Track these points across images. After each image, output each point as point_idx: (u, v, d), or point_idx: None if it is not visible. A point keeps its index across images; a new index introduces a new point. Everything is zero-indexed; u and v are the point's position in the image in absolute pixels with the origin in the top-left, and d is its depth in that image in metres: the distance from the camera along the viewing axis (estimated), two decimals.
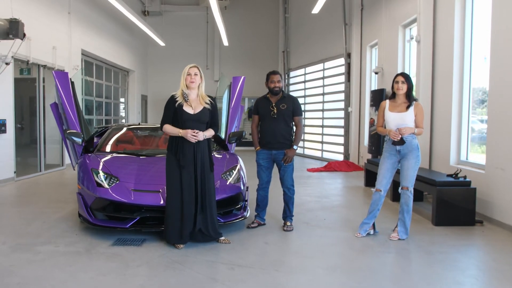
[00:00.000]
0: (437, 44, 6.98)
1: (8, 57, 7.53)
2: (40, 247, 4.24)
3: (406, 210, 4.69)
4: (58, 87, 5.82)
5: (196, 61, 17.00)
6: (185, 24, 17.58)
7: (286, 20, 16.13)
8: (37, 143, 9.21)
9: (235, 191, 5.03)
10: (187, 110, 4.26)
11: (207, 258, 3.98)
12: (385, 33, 9.49)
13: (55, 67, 9.36)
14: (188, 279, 3.48)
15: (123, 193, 4.59)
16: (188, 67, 4.32)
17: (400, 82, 4.69)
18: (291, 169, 5.04)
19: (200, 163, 4.29)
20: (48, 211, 5.78)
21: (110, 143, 5.92)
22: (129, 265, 3.79)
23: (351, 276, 3.59)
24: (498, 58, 5.33)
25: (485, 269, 3.87)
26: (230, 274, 3.61)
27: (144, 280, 3.45)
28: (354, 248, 4.38)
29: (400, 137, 4.53)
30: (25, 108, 10.68)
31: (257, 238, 4.68)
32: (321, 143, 14.08)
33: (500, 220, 5.18)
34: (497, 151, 5.33)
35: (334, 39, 12.81)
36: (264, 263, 3.86)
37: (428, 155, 7.15)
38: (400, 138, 4.53)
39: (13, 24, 7.06)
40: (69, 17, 10.26)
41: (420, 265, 3.97)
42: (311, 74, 14.82)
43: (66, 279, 3.45)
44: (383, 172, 4.76)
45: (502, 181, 5.19)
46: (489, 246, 4.55)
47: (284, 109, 4.97)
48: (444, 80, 6.72)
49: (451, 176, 5.64)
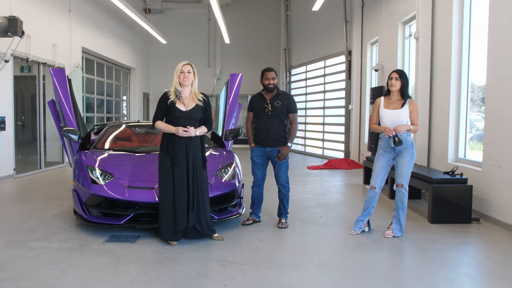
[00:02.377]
0: (435, 40, 6.95)
1: (7, 54, 7.56)
2: (34, 243, 4.27)
3: (401, 208, 4.67)
4: (56, 84, 5.84)
5: (198, 59, 16.93)
6: (187, 21, 17.59)
7: (288, 17, 16.09)
8: (37, 141, 9.25)
9: (230, 188, 5.03)
10: (179, 107, 4.26)
11: (200, 255, 3.99)
12: (385, 30, 9.44)
13: (55, 64, 9.40)
14: (179, 276, 3.49)
15: (117, 190, 4.60)
16: (181, 64, 4.32)
17: (394, 78, 4.66)
18: (286, 166, 5.03)
19: (192, 160, 4.29)
20: (45, 208, 5.81)
21: (106, 140, 5.94)
22: (121, 261, 3.80)
23: (343, 273, 3.58)
24: (495, 55, 5.29)
25: (477, 267, 3.85)
26: (221, 270, 3.61)
27: (134, 277, 3.46)
28: (348, 245, 4.37)
29: (394, 133, 4.50)
30: (27, 105, 10.73)
31: (251, 235, 4.68)
32: (322, 141, 14.06)
33: (497, 217, 5.15)
34: (494, 148, 5.30)
35: (335, 36, 12.78)
36: (256, 260, 3.86)
37: (426, 152, 7.12)
38: (394, 134, 4.50)
39: (12, 21, 7.10)
40: (70, 15, 10.28)
41: (413, 262, 3.96)
42: (312, 72, 14.79)
43: (57, 275, 3.47)
44: (378, 170, 4.74)
45: (498, 179, 5.16)
46: (484, 244, 4.53)
47: (279, 106, 4.96)
48: (442, 77, 6.68)
49: (447, 173, 5.62)
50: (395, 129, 4.50)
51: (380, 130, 4.68)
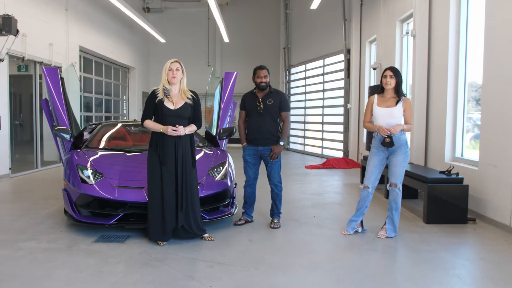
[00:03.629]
0: (432, 38, 6.86)
1: (2, 53, 7.53)
2: (22, 244, 4.22)
3: (395, 208, 4.60)
4: (48, 83, 5.81)
5: (197, 58, 16.85)
6: (186, 20, 17.56)
7: (287, 16, 16.01)
8: (34, 140, 9.22)
9: (222, 187, 4.97)
10: (168, 105, 4.20)
11: (188, 255, 3.93)
12: (383, 28, 9.36)
13: (51, 63, 9.37)
14: (164, 277, 3.43)
15: (106, 190, 4.55)
16: (170, 62, 4.25)
17: (388, 76, 4.58)
18: (278, 166, 4.97)
19: (181, 159, 4.23)
20: (37, 207, 5.77)
21: (99, 139, 5.88)
22: (108, 262, 3.75)
23: (331, 275, 3.51)
24: (491, 54, 5.20)
25: (470, 268, 3.76)
26: (208, 271, 3.55)
27: (119, 277, 3.40)
28: (339, 246, 4.31)
29: (389, 133, 4.42)
30: (25, 105, 10.69)
31: (242, 235, 4.62)
32: (321, 140, 13.97)
33: (493, 218, 5.07)
34: (490, 147, 5.21)
35: (334, 35, 12.68)
36: (244, 261, 3.80)
37: (423, 151, 7.04)
38: (389, 133, 4.42)
39: (6, 20, 7.06)
40: (67, 13, 10.25)
41: (404, 263, 3.88)
42: (311, 71, 14.70)
43: (41, 276, 3.42)
44: (371, 169, 4.67)
45: (494, 178, 5.08)
46: (478, 245, 4.45)
47: (271, 105, 4.89)
48: (439, 75, 6.59)
49: (443, 173, 5.54)
50: (390, 129, 4.42)
51: (374, 129, 4.60)
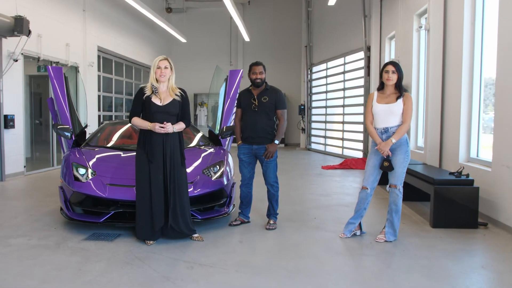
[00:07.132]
0: (447, 32, 6.49)
1: (15, 53, 7.70)
2: (13, 240, 4.26)
3: (395, 210, 4.35)
4: (53, 82, 5.88)
5: (219, 57, 16.84)
6: (208, 20, 17.58)
7: (309, 14, 15.73)
8: (50, 138, 9.41)
9: (217, 186, 4.86)
10: (155, 101, 4.13)
11: (172, 256, 3.84)
12: (401, 23, 9.00)
13: (68, 64, 9.54)
14: (140, 277, 3.35)
15: (98, 188, 4.53)
16: (158, 60, 4.19)
17: (390, 72, 4.34)
18: (274, 165, 4.80)
19: (170, 157, 4.15)
20: (40, 204, 5.85)
21: (99, 138, 5.89)
22: (90, 260, 3.71)
23: (313, 281, 3.32)
24: (505, 50, 4.84)
25: (468, 277, 3.47)
26: (186, 273, 3.44)
27: (94, 276, 3.34)
28: (332, 249, 4.10)
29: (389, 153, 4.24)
30: (44, 104, 10.95)
31: (233, 236, 4.49)
32: (342, 140, 13.64)
33: (504, 222, 4.72)
34: (503, 147, 4.86)
35: (355, 32, 12.33)
36: (228, 263, 3.67)
37: (438, 152, 6.68)
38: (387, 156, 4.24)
39: (18, 21, 7.22)
40: (84, 14, 10.42)
41: (396, 270, 3.62)
42: (332, 69, 14.39)
43: (19, 273, 3.42)
44: (370, 169, 4.45)
45: (508, 180, 4.72)
46: (484, 252, 4.14)
47: (266, 102, 4.74)
48: (454, 71, 6.23)
49: (453, 174, 5.21)
50: (384, 154, 4.26)
51: (373, 139, 4.42)
